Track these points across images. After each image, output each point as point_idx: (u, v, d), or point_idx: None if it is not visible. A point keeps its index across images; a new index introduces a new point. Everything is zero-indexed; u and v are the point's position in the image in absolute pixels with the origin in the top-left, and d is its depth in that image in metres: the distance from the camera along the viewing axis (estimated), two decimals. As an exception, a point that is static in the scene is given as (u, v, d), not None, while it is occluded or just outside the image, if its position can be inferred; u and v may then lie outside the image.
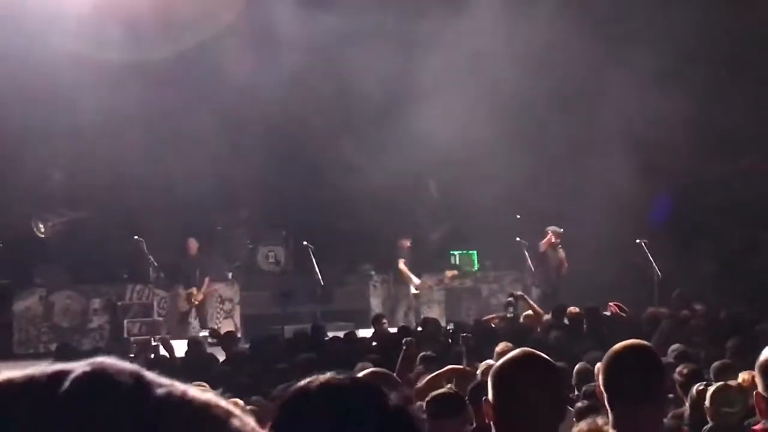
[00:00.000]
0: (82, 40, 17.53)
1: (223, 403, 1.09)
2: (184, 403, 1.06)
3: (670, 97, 18.72)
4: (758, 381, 3.66)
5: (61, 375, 1.06)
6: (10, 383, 1.06)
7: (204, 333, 17.36)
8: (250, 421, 1.10)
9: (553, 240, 18.13)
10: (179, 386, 1.08)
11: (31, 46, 17.17)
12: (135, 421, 1.03)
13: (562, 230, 18.25)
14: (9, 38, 16.83)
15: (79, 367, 1.07)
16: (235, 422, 1.08)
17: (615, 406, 3.48)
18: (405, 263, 19.20)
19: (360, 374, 3.75)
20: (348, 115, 19.13)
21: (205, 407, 1.07)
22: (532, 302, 15.21)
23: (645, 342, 4.00)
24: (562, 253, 18.16)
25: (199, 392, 1.09)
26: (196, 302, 18.43)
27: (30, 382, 1.06)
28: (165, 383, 1.07)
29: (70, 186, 18.99)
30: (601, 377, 3.58)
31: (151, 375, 1.09)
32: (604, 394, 3.51)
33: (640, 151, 19.54)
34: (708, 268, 19.64)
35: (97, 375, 1.06)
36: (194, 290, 18.34)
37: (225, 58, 18.39)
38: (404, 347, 9.52)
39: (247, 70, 18.30)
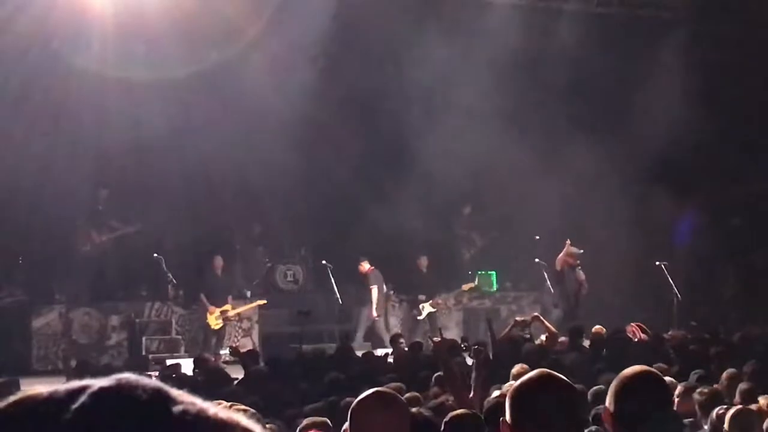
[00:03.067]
0: (106, 60, 17.65)
1: (244, 421, 1.09)
2: (203, 420, 1.05)
3: (695, 118, 18.69)
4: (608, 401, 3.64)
5: (81, 390, 1.06)
6: (32, 399, 1.07)
7: (224, 351, 17.36)
8: None
9: (570, 261, 17.97)
10: (200, 403, 1.08)
11: (55, 66, 17.29)
12: None
13: (581, 251, 18.07)
14: (34, 58, 16.96)
15: (99, 382, 1.07)
16: None
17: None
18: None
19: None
20: (374, 133, 19.15)
21: (223, 425, 1.07)
22: (547, 323, 15.13)
23: (654, 370, 3.97)
24: (581, 274, 17.98)
25: (221, 410, 1.08)
26: (232, 319, 18.38)
27: (51, 397, 1.06)
28: (186, 400, 1.07)
29: (93, 201, 19.06)
30: (609, 402, 3.56)
31: (173, 392, 1.08)
32: (612, 420, 3.49)
33: (663, 173, 19.49)
34: (729, 291, 19.54)
35: (116, 390, 1.06)
36: (228, 307, 18.26)
37: (248, 75, 18.46)
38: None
39: (270, 87, 18.36)
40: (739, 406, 6.83)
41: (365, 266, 19.18)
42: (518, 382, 3.33)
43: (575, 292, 17.93)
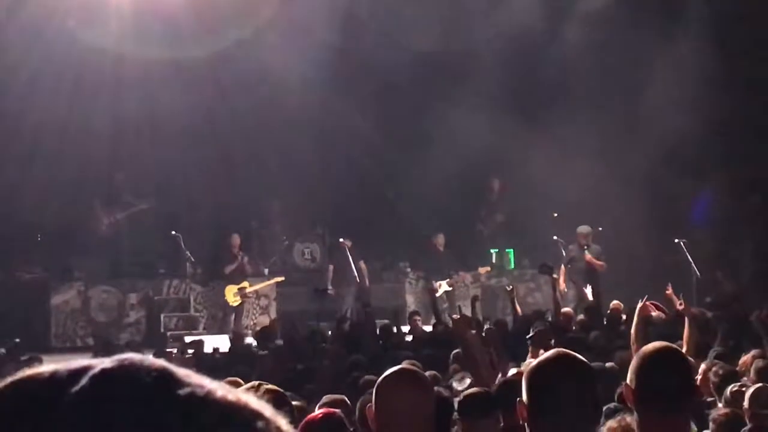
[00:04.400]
0: (122, 38, 17.67)
1: (253, 402, 1.05)
2: (208, 403, 1.01)
3: (712, 96, 18.57)
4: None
5: (82, 372, 1.02)
6: (33, 380, 1.03)
7: (246, 323, 17.47)
8: (280, 422, 1.05)
9: (581, 242, 17.90)
10: (207, 385, 1.03)
11: (72, 44, 17.31)
12: (157, 420, 0.99)
13: (588, 229, 18.00)
14: (52, 37, 16.98)
15: (102, 363, 1.03)
16: (260, 425, 1.03)
17: (643, 410, 3.43)
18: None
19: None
20: (389, 111, 19.12)
21: (232, 407, 1.03)
22: (557, 297, 14.99)
23: (675, 346, 3.95)
24: (587, 254, 17.89)
25: (229, 391, 1.04)
26: (250, 296, 18.43)
27: (52, 378, 1.02)
28: (192, 382, 1.03)
29: (111, 180, 19.12)
30: (630, 378, 3.53)
31: (180, 372, 1.04)
32: (633, 397, 3.46)
33: (680, 149, 19.38)
34: (748, 269, 19.44)
35: (119, 372, 1.02)
36: (246, 284, 18.31)
37: (265, 54, 18.43)
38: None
39: (287, 66, 18.33)
40: (760, 384, 6.80)
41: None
42: (535, 362, 3.32)
43: (585, 271, 17.84)
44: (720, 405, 7.07)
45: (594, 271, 17.84)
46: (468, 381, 7.79)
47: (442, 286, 19.09)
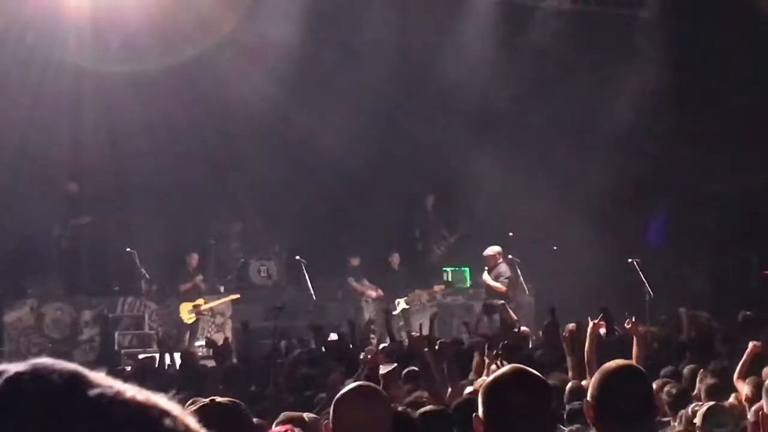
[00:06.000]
0: (81, 53, 17.56)
1: (162, 403, 1.08)
2: (117, 402, 1.05)
3: (665, 116, 18.80)
4: (765, 402, 3.66)
5: None
6: None
7: (200, 343, 17.33)
8: (187, 420, 1.09)
9: (495, 262, 17.98)
10: (116, 386, 1.07)
11: (32, 59, 17.19)
12: (66, 420, 1.02)
13: (492, 251, 17.98)
14: (10, 50, 16.86)
15: (15, 367, 1.07)
16: (167, 422, 1.06)
17: (603, 427, 3.48)
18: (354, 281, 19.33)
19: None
20: (347, 126, 19.15)
21: (141, 407, 1.06)
22: (511, 312, 15.14)
23: (635, 364, 4.01)
24: (485, 277, 17.95)
25: (138, 391, 1.08)
26: (205, 314, 18.36)
27: None
28: (102, 384, 1.06)
29: (66, 196, 18.95)
30: (591, 395, 3.57)
31: (91, 375, 1.07)
32: (593, 412, 3.50)
33: (635, 167, 19.59)
34: (701, 287, 19.65)
35: (32, 374, 1.06)
36: (201, 301, 18.24)
37: (223, 70, 18.42)
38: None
39: (247, 81, 18.33)
40: (712, 403, 6.87)
41: (354, 262, 19.42)
42: (491, 377, 3.35)
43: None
44: (674, 424, 7.12)
45: (496, 294, 17.89)
46: None
47: (400, 304, 19.13)
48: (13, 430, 1.01)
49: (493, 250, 18.08)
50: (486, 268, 18.05)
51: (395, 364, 8.41)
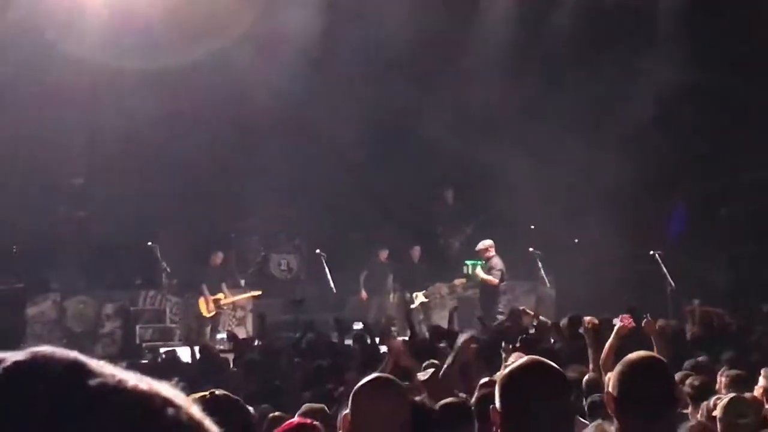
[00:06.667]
0: (98, 49, 17.61)
1: (164, 392, 1.07)
2: (118, 391, 1.03)
3: (683, 109, 18.71)
4: None
5: None
6: None
7: (222, 335, 17.39)
8: (191, 410, 1.07)
9: (488, 255, 18.03)
10: (118, 375, 1.05)
11: (50, 54, 17.26)
12: (67, 410, 1.01)
13: (483, 244, 18.13)
14: (28, 47, 16.91)
15: (15, 355, 1.05)
16: (170, 411, 1.05)
17: (624, 418, 3.46)
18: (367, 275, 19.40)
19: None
20: (363, 122, 19.14)
21: (143, 396, 1.05)
22: (532, 313, 15.13)
23: (657, 355, 3.99)
24: (479, 270, 18.12)
25: (140, 380, 1.06)
26: (226, 308, 18.42)
27: None
28: (103, 372, 1.05)
29: (88, 191, 19.05)
30: (612, 386, 3.55)
31: (92, 363, 1.06)
32: (615, 404, 3.49)
33: (655, 160, 19.50)
34: (721, 279, 19.57)
35: (32, 362, 1.04)
36: (222, 295, 18.30)
37: (240, 65, 18.43)
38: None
39: (263, 78, 18.34)
40: (733, 394, 6.83)
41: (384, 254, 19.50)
42: (508, 369, 3.34)
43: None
44: (697, 416, 7.09)
45: (489, 287, 17.88)
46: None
47: (419, 298, 19.12)
48: (12, 421, 1.00)
49: (485, 243, 18.13)
50: (480, 261, 18.10)
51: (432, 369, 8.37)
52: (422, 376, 8.17)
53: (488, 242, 18.13)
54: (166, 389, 1.08)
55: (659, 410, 3.45)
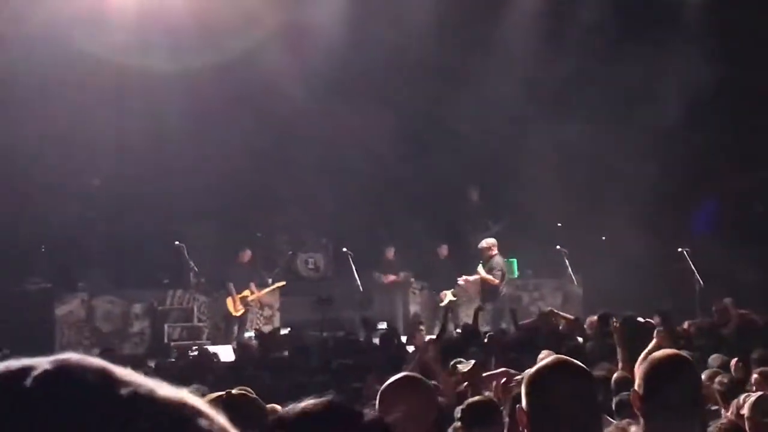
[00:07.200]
0: (126, 50, 17.70)
1: (194, 401, 1.07)
2: (152, 401, 1.03)
3: (713, 103, 18.58)
4: None
5: (22, 372, 1.02)
6: None
7: (250, 334, 17.45)
8: (220, 421, 1.07)
9: (490, 254, 17.97)
10: (148, 384, 1.05)
11: (78, 55, 17.35)
12: (100, 421, 1.00)
13: (485, 243, 18.07)
14: (56, 48, 17.02)
15: (42, 363, 1.04)
16: (203, 422, 1.05)
17: (650, 417, 3.44)
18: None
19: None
20: (391, 121, 19.14)
21: (174, 406, 1.04)
22: (563, 314, 15.09)
23: (683, 353, 3.96)
24: (480, 270, 17.98)
25: (170, 389, 1.06)
26: (253, 304, 18.47)
27: None
28: (133, 381, 1.04)
29: (114, 192, 19.15)
30: (638, 385, 3.53)
31: (119, 371, 1.05)
32: (641, 403, 3.47)
33: (683, 156, 19.38)
34: (751, 277, 19.41)
35: (62, 372, 1.03)
36: (248, 292, 18.35)
37: (267, 65, 18.46)
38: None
39: (291, 76, 18.37)
40: (760, 393, 6.79)
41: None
42: (534, 369, 3.32)
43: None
44: (725, 413, 7.06)
45: (490, 287, 17.83)
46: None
47: (447, 296, 19.10)
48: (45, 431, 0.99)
49: (487, 242, 18.09)
50: (481, 260, 18.03)
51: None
52: (463, 367, 8.16)
53: (492, 241, 18.13)
54: (196, 399, 1.07)
55: (685, 408, 3.43)
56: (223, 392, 3.89)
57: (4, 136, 16.96)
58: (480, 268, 18.02)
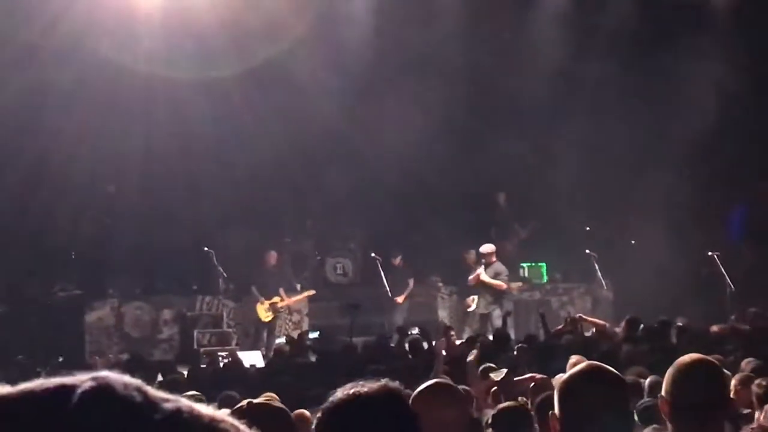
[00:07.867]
0: (153, 59, 17.79)
1: (229, 419, 1.10)
2: (191, 419, 1.06)
3: (746, 106, 18.45)
4: None
5: (66, 389, 1.04)
6: (4, 399, 1.04)
7: (281, 340, 17.47)
8: None
9: (492, 260, 17.94)
10: (185, 402, 1.08)
11: (104, 65, 17.46)
12: None
13: (489, 248, 18.04)
14: (84, 58, 17.14)
15: (83, 381, 1.06)
16: None
17: (678, 422, 3.41)
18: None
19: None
20: (418, 127, 19.14)
21: (211, 423, 1.07)
22: (592, 319, 15.02)
23: (710, 358, 3.93)
24: (481, 273, 17.92)
25: (204, 407, 1.09)
26: (282, 311, 18.49)
27: (28, 396, 1.04)
28: (171, 398, 1.07)
29: (143, 199, 19.23)
30: (665, 390, 3.51)
31: (153, 391, 1.08)
32: (668, 408, 3.44)
33: (711, 161, 19.26)
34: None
35: (104, 390, 1.05)
36: (278, 299, 18.37)
37: (294, 73, 18.51)
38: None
39: (318, 84, 18.40)
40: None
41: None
42: (566, 375, 3.30)
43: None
44: (759, 418, 7.00)
45: (497, 291, 17.79)
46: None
47: (476, 301, 19.05)
48: None
49: (489, 248, 18.03)
50: (483, 265, 17.96)
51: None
52: (496, 376, 8.13)
53: (492, 247, 18.10)
54: (228, 417, 1.10)
55: (712, 412, 3.41)
56: (246, 401, 3.88)
57: (34, 145, 17.09)
58: (482, 273, 17.93)
